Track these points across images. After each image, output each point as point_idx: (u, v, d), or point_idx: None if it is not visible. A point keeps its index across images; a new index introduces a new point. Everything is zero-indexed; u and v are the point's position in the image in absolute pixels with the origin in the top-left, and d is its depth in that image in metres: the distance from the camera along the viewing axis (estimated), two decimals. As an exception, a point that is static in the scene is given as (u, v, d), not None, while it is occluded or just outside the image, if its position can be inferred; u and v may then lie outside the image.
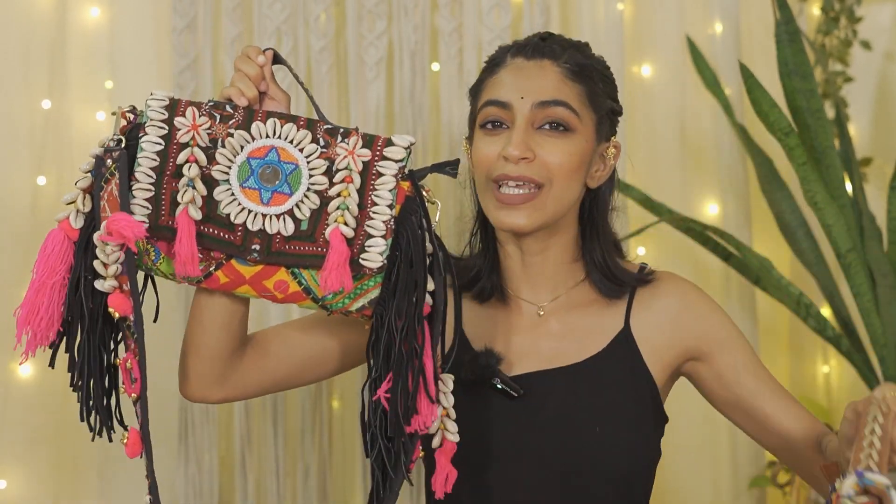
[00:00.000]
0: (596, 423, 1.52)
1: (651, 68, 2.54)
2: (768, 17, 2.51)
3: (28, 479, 2.35)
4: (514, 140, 1.50)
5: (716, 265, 2.51)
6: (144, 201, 1.38)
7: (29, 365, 2.35)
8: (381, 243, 1.37)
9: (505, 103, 1.53)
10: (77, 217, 1.38)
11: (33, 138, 2.38)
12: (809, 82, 2.16)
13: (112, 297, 1.37)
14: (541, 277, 1.59)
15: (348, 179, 1.38)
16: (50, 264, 1.38)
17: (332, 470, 2.41)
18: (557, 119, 1.53)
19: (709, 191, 2.56)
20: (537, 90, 1.53)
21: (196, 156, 1.38)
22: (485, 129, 1.55)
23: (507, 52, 1.58)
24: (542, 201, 1.52)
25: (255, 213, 1.38)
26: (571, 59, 1.55)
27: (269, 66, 1.47)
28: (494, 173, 1.52)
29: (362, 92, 2.40)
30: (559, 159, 1.52)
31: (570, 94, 1.54)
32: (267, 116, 1.41)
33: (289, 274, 1.39)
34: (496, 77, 1.56)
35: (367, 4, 2.40)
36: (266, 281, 1.39)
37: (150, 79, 2.41)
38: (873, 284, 2.21)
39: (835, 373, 2.66)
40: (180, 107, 1.40)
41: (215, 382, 1.52)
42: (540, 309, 1.59)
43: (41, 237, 2.32)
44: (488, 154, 1.53)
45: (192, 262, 1.36)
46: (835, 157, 2.21)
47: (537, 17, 2.41)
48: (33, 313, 1.39)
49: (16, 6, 2.39)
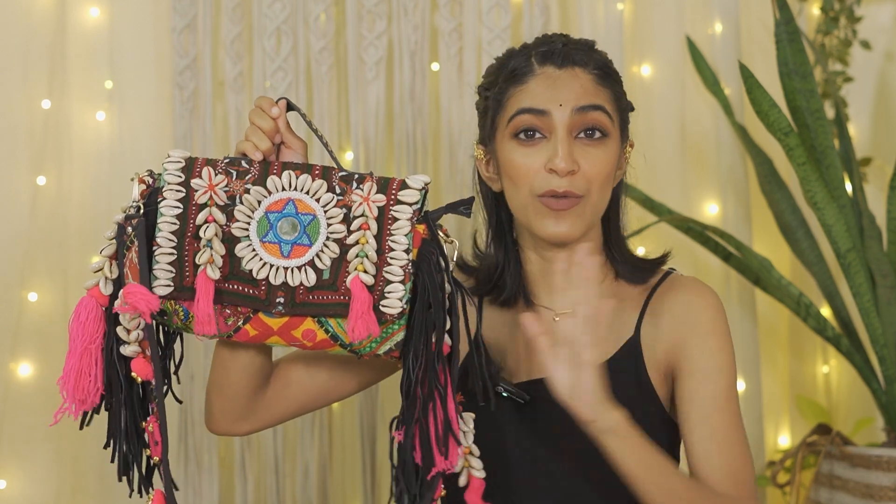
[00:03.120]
0: None
1: (651, 68, 2.54)
2: (768, 17, 2.51)
3: (28, 479, 2.35)
4: (562, 153, 1.50)
5: (716, 265, 2.51)
6: (168, 265, 1.40)
7: (29, 365, 2.35)
8: (399, 289, 1.38)
9: (543, 111, 1.51)
10: (106, 284, 1.41)
11: (33, 138, 2.38)
12: (809, 82, 2.16)
13: (134, 362, 1.40)
14: (563, 284, 1.57)
15: (365, 226, 1.39)
16: (88, 331, 1.41)
17: (332, 470, 2.41)
18: (596, 124, 1.52)
19: (709, 191, 2.56)
20: (575, 97, 1.52)
21: (214, 216, 1.40)
22: (518, 139, 1.53)
23: (530, 57, 1.55)
24: (583, 209, 1.52)
25: (276, 266, 1.39)
26: (596, 63, 1.55)
27: (283, 116, 1.47)
28: (541, 189, 1.51)
29: (362, 92, 2.40)
30: (598, 169, 1.52)
31: (604, 98, 1.54)
32: (282, 168, 1.42)
33: (315, 323, 1.40)
34: (525, 86, 1.54)
35: (367, 4, 2.40)
36: (294, 331, 1.41)
37: (150, 79, 2.42)
38: (873, 284, 2.21)
39: (835, 373, 2.66)
40: (196, 167, 1.41)
41: (241, 418, 1.55)
42: (556, 315, 1.58)
43: (41, 237, 2.36)
44: (530, 166, 1.52)
45: (209, 322, 1.38)
46: (835, 157, 2.21)
47: (537, 17, 2.41)
48: (80, 379, 1.41)
49: (16, 6, 2.39)
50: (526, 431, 1.53)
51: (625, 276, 1.59)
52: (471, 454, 1.43)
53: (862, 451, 2.25)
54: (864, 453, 2.24)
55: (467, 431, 1.43)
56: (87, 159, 2.40)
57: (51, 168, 2.38)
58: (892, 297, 2.19)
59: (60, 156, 2.38)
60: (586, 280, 1.55)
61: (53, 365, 2.34)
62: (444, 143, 2.41)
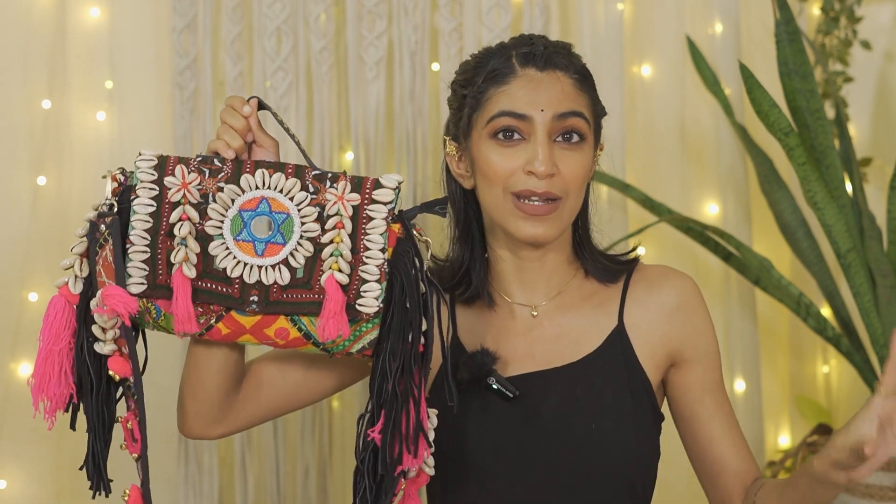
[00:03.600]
0: (593, 420, 1.52)
1: (651, 68, 2.54)
2: (768, 17, 2.51)
3: (28, 479, 2.35)
4: (542, 156, 1.50)
5: (716, 265, 2.51)
6: (141, 263, 1.40)
7: (29, 365, 2.35)
8: (375, 287, 1.39)
9: (524, 116, 1.52)
10: (76, 283, 1.41)
11: (33, 138, 2.38)
12: (809, 82, 2.16)
13: (111, 360, 1.40)
14: (536, 281, 1.60)
15: (339, 225, 1.39)
16: (54, 331, 1.41)
17: (332, 470, 2.41)
18: (574, 129, 1.53)
19: (709, 191, 2.56)
20: (556, 102, 1.52)
21: (188, 214, 1.40)
22: (497, 139, 1.54)
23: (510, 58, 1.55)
24: (561, 213, 1.53)
25: (250, 265, 1.40)
26: (576, 67, 1.56)
27: (254, 115, 1.47)
28: (517, 187, 1.52)
29: (362, 92, 2.40)
30: (576, 172, 1.53)
31: (583, 104, 1.55)
32: (255, 167, 1.42)
33: (288, 321, 1.41)
34: (507, 87, 1.54)
35: (367, 4, 2.40)
36: (267, 329, 1.41)
37: (150, 79, 2.42)
38: (873, 284, 2.21)
39: (835, 373, 2.66)
40: (169, 165, 1.42)
41: (214, 421, 1.55)
42: (534, 310, 1.60)
43: (41, 237, 2.36)
44: (507, 167, 1.53)
45: (189, 320, 1.39)
46: (835, 157, 2.21)
47: (537, 17, 2.41)
48: (45, 381, 1.41)
49: (16, 6, 2.39)
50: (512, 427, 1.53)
51: (594, 274, 1.61)
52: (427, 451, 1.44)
53: (862, 451, 2.25)
54: (864, 453, 2.24)
55: (430, 428, 1.43)
56: (87, 159, 2.40)
57: (51, 168, 2.38)
58: (892, 297, 2.19)
59: (60, 156, 2.38)
60: (559, 276, 1.57)
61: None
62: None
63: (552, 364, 1.56)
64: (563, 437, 1.52)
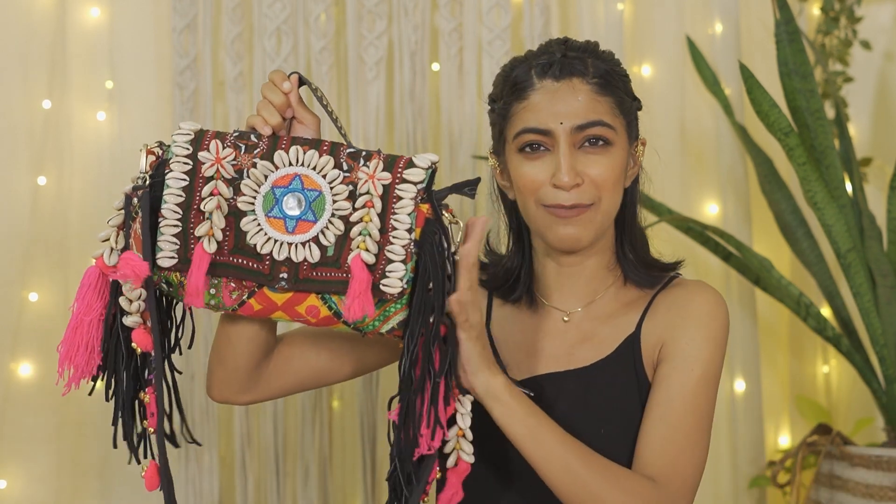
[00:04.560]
0: (601, 424, 1.52)
1: (651, 68, 2.54)
2: (768, 17, 2.51)
3: (28, 479, 2.35)
4: (565, 167, 1.51)
5: (716, 265, 2.51)
6: (172, 237, 1.39)
7: (29, 365, 2.35)
8: (400, 268, 1.37)
9: (545, 131, 1.53)
10: (111, 255, 1.40)
11: (33, 138, 2.38)
12: (809, 82, 2.16)
13: (135, 333, 1.40)
14: (574, 286, 1.61)
15: (369, 204, 1.38)
16: (86, 302, 1.41)
17: (332, 470, 2.41)
18: (597, 136, 1.53)
19: (709, 191, 2.56)
20: (574, 114, 1.53)
21: (219, 189, 1.39)
22: (524, 152, 1.55)
23: (530, 70, 1.56)
24: (593, 215, 1.54)
25: (280, 242, 1.38)
26: (596, 70, 1.56)
27: (295, 91, 1.46)
28: (547, 201, 1.53)
29: (362, 92, 2.40)
30: (605, 176, 1.53)
31: (603, 110, 1.54)
32: (291, 143, 1.41)
33: (319, 299, 1.39)
34: (527, 102, 1.55)
35: (367, 4, 2.40)
36: (298, 307, 1.40)
37: (150, 79, 2.42)
38: (873, 284, 2.21)
39: (835, 373, 2.66)
40: (205, 139, 1.41)
41: (241, 390, 1.55)
42: (565, 315, 1.60)
43: (41, 237, 2.36)
44: (535, 179, 1.54)
45: (197, 295, 1.38)
46: (835, 157, 2.21)
47: (537, 17, 2.41)
48: (73, 350, 1.41)
49: (16, 6, 2.39)
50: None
51: (634, 280, 1.60)
52: (464, 437, 1.41)
53: (862, 451, 2.25)
54: (864, 453, 2.24)
55: (464, 413, 1.41)
56: (87, 159, 2.40)
57: (51, 168, 2.38)
58: (892, 297, 2.19)
59: (60, 156, 2.38)
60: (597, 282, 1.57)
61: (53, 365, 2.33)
62: (444, 143, 2.41)
63: (571, 366, 1.57)
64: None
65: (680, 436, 1.49)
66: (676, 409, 1.49)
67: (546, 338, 1.60)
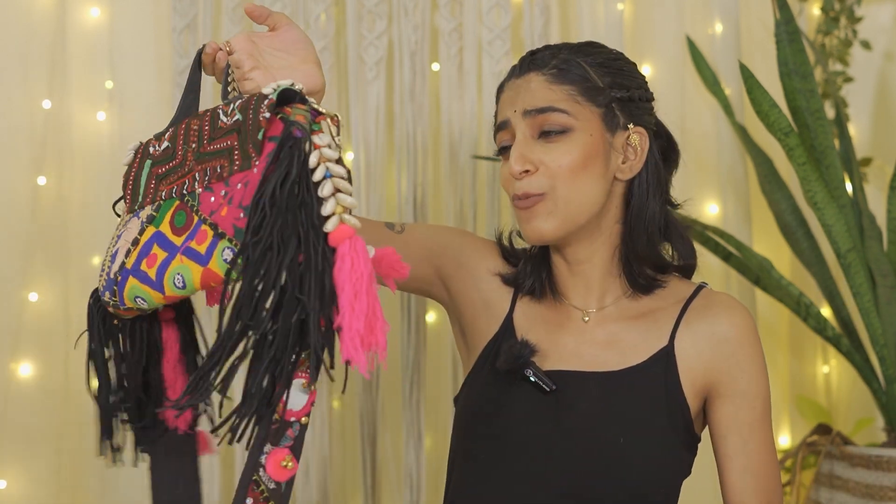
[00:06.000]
0: (621, 433, 1.51)
1: (651, 68, 2.55)
2: (768, 17, 2.51)
3: (28, 479, 2.35)
4: (513, 156, 1.54)
5: (716, 265, 2.51)
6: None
7: (29, 365, 2.35)
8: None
9: (504, 122, 1.58)
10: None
11: (33, 138, 2.38)
12: (809, 82, 2.16)
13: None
14: (586, 285, 1.61)
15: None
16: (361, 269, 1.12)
17: (332, 470, 2.41)
18: (550, 123, 1.54)
19: (709, 191, 2.56)
20: (524, 101, 1.55)
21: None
22: (502, 154, 1.60)
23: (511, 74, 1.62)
24: (551, 205, 1.53)
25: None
26: (558, 62, 1.56)
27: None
28: (510, 193, 1.57)
29: (362, 92, 2.40)
30: (559, 162, 1.53)
31: (556, 97, 1.54)
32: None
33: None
34: (499, 102, 1.61)
35: (367, 4, 2.40)
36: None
37: (150, 79, 2.42)
38: (873, 284, 2.21)
39: (835, 373, 2.66)
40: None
41: None
42: (585, 315, 1.60)
43: (41, 237, 2.36)
44: (504, 176, 1.58)
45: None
46: (835, 157, 2.22)
47: (537, 17, 2.41)
48: (373, 320, 1.12)
49: (16, 6, 2.39)
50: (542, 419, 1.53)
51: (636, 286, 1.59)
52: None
53: (862, 451, 2.25)
54: (864, 453, 2.24)
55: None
56: (87, 159, 2.40)
57: (51, 168, 2.38)
58: (892, 297, 2.19)
59: (60, 156, 2.39)
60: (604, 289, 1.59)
61: (53, 365, 2.34)
62: (444, 143, 2.41)
63: (595, 368, 1.56)
64: (588, 441, 1.51)
65: (765, 479, 1.55)
66: (757, 453, 1.54)
67: (567, 335, 1.59)
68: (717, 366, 1.54)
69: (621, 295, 1.60)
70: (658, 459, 1.51)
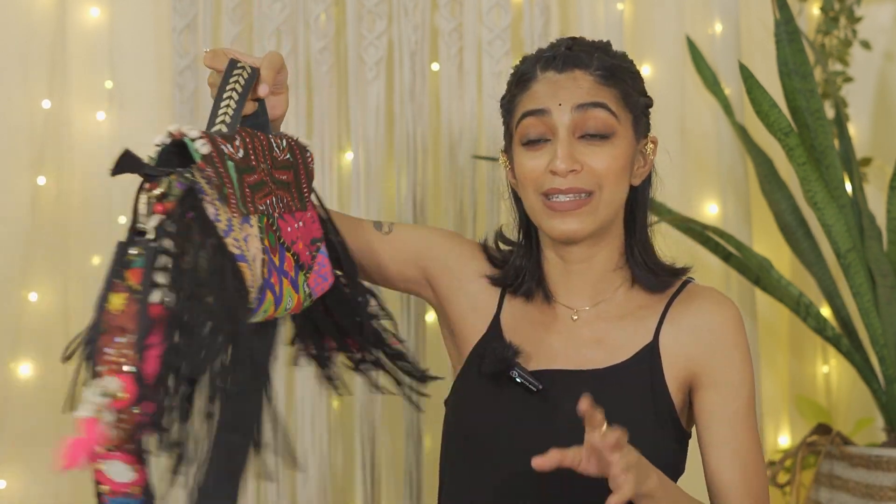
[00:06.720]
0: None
1: (651, 68, 2.54)
2: (768, 17, 2.51)
3: (28, 479, 2.35)
4: (561, 153, 1.51)
5: (716, 265, 2.51)
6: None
7: (29, 365, 2.35)
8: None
9: (543, 110, 1.53)
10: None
11: (33, 138, 2.38)
12: (809, 82, 2.16)
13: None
14: (581, 285, 1.60)
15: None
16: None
17: (332, 470, 2.41)
18: (598, 122, 1.53)
19: (709, 191, 2.56)
20: (574, 97, 1.53)
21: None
22: (526, 145, 1.56)
23: (535, 65, 1.57)
24: (594, 207, 1.53)
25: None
26: (600, 63, 1.56)
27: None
28: (544, 187, 1.53)
29: (362, 92, 2.40)
30: (606, 164, 1.53)
31: (607, 96, 1.54)
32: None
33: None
34: (530, 91, 1.56)
35: (367, 4, 2.40)
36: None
37: (150, 79, 2.42)
38: (873, 284, 2.21)
39: (835, 373, 2.66)
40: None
41: None
42: (574, 314, 1.60)
43: (41, 237, 2.36)
44: (534, 168, 1.54)
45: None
46: (835, 157, 2.22)
47: (537, 17, 2.41)
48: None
49: (16, 6, 2.39)
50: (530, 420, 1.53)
51: (643, 283, 1.60)
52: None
53: (862, 451, 2.25)
54: (864, 453, 2.24)
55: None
56: (87, 159, 2.40)
57: (51, 168, 2.38)
58: (892, 297, 2.19)
59: (60, 156, 2.38)
60: (604, 283, 1.57)
61: (53, 365, 2.34)
62: (444, 143, 2.41)
63: (581, 367, 1.56)
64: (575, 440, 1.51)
65: (752, 467, 1.55)
66: (742, 441, 1.55)
67: (555, 334, 1.59)
68: (700, 356, 1.55)
69: (615, 291, 1.60)
70: (647, 456, 1.51)
